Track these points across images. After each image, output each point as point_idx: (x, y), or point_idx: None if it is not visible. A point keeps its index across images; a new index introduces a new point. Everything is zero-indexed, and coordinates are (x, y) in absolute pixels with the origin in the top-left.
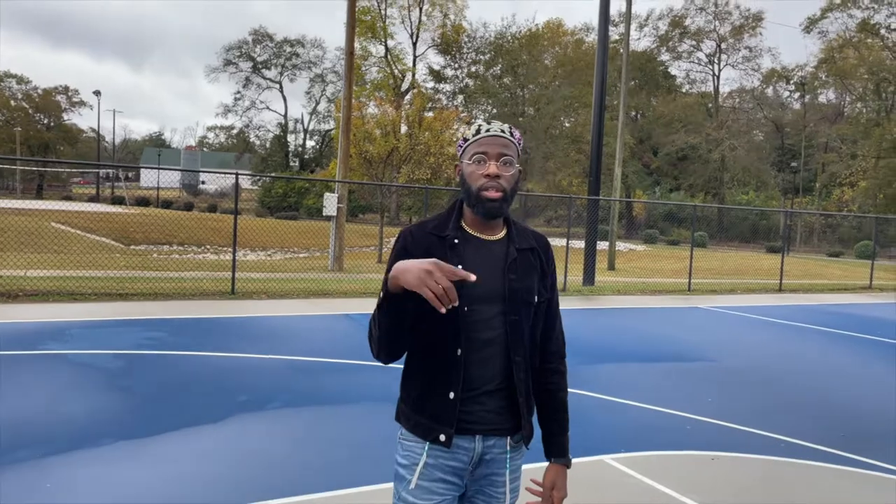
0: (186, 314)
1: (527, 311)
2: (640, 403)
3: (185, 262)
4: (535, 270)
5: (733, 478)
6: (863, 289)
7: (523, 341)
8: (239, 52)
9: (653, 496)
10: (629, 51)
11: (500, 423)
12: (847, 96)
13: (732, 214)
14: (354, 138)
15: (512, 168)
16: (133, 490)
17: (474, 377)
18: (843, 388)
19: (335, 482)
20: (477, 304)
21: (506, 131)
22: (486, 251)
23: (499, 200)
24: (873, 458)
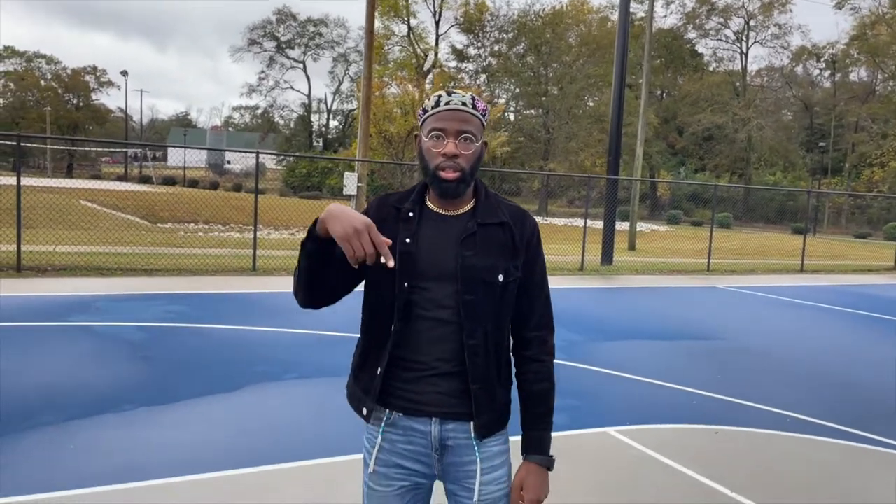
0: (208, 289)
1: (487, 291)
2: (648, 379)
3: (210, 239)
4: (502, 247)
5: (733, 450)
6: (887, 270)
7: (481, 324)
8: (263, 31)
9: (652, 466)
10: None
11: (458, 406)
12: (879, 74)
13: (759, 195)
14: (375, 118)
15: (472, 145)
16: (150, 452)
17: (424, 356)
18: (855, 367)
19: (344, 449)
20: (425, 282)
21: (467, 104)
22: (445, 226)
23: (455, 181)
24: (883, 435)
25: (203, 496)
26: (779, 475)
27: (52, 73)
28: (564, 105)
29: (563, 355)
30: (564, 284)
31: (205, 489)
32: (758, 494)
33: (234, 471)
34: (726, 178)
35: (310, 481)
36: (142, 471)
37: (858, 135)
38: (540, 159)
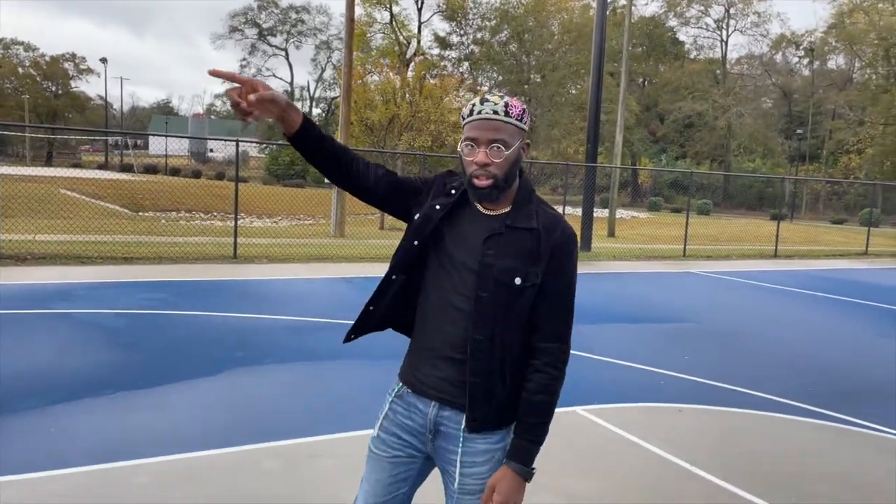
0: (189, 277)
1: (502, 292)
2: (618, 360)
3: (191, 227)
4: (526, 252)
5: (696, 427)
6: (858, 255)
7: (491, 322)
8: (244, 18)
9: (617, 443)
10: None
11: (456, 396)
12: (856, 62)
13: (738, 182)
14: (356, 106)
15: (503, 153)
16: (130, 433)
17: (437, 336)
18: (821, 348)
19: (318, 429)
20: (452, 267)
21: (499, 112)
22: (479, 224)
23: (488, 188)
24: (845, 412)
25: (183, 474)
26: (739, 451)
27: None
28: (547, 93)
29: None
30: None
31: (185, 467)
32: (717, 469)
33: (215, 450)
34: (707, 166)
35: (288, 458)
36: (122, 451)
37: (836, 122)
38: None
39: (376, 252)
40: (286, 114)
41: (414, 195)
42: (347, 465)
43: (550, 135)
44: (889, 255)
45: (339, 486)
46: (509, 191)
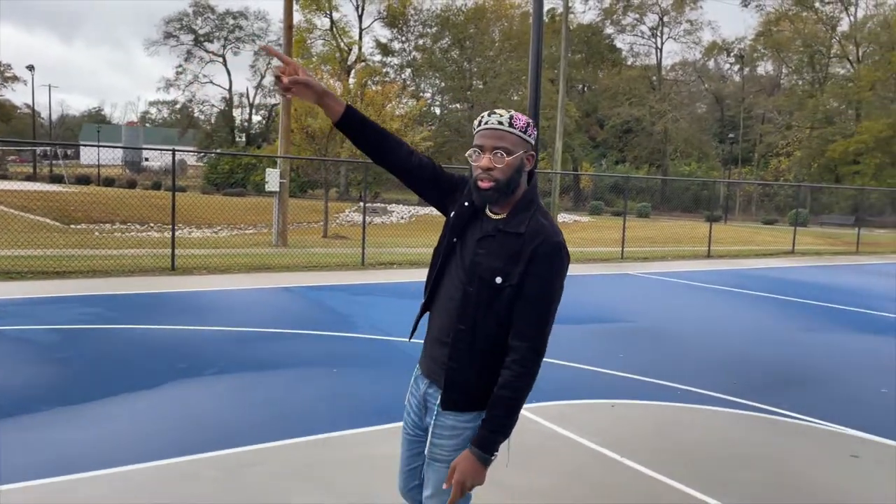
0: (125, 290)
1: (485, 289)
2: (554, 360)
3: (127, 239)
4: (511, 254)
5: (627, 421)
6: (785, 253)
7: (473, 314)
8: (179, 24)
9: (552, 439)
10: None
11: (439, 374)
12: (783, 68)
13: (675, 185)
14: (296, 113)
15: (505, 158)
16: (67, 448)
17: (434, 322)
18: (744, 342)
19: (259, 437)
20: (458, 263)
21: (504, 123)
22: (480, 225)
23: (490, 190)
24: (766, 402)
25: (121, 487)
26: (667, 441)
27: None
28: (489, 99)
29: None
30: None
31: (123, 480)
32: (645, 459)
33: (154, 462)
34: (645, 170)
35: (228, 467)
36: (60, 467)
37: (765, 126)
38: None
39: (319, 261)
40: (323, 100)
41: (450, 191)
42: (286, 471)
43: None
44: (814, 253)
45: (277, 493)
46: (513, 197)
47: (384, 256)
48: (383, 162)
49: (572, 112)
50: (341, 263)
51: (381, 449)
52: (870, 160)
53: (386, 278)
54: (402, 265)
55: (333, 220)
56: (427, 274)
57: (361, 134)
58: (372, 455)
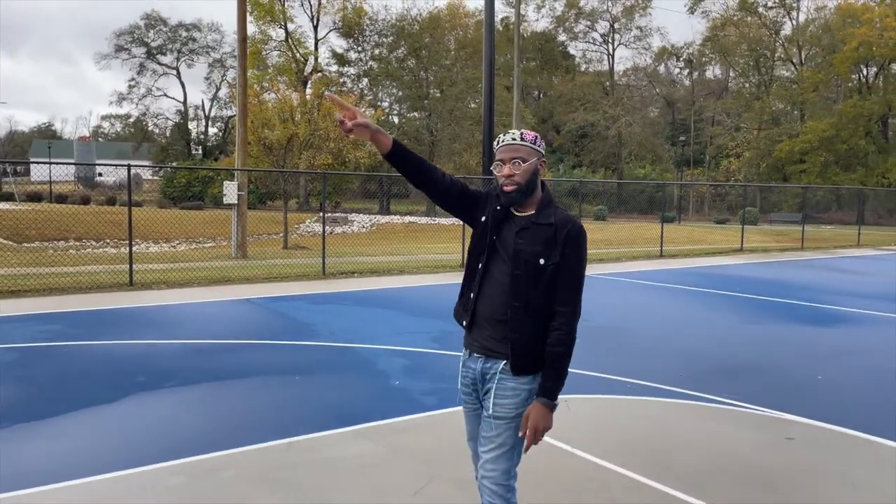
0: (83, 307)
1: (530, 270)
2: None
3: (83, 256)
4: (547, 240)
5: (578, 414)
6: (735, 251)
7: (524, 292)
8: (131, 37)
9: None
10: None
11: (496, 347)
12: (731, 72)
13: (630, 188)
14: (252, 125)
15: (521, 165)
16: (27, 464)
17: (482, 307)
18: (691, 337)
19: (220, 444)
20: (498, 255)
21: (517, 138)
22: (512, 223)
23: (513, 192)
24: (709, 392)
25: (86, 498)
26: (614, 431)
27: None
28: (446, 107)
29: (437, 345)
30: (445, 281)
31: (87, 492)
32: (594, 448)
33: (117, 472)
34: (601, 174)
35: (190, 474)
36: (21, 481)
37: (715, 128)
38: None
39: (280, 271)
40: (376, 136)
41: (474, 204)
42: (251, 475)
43: (452, 148)
44: (761, 250)
45: (242, 496)
46: (533, 198)
47: (345, 266)
48: (422, 185)
49: (528, 118)
50: (302, 274)
51: (342, 450)
52: (815, 159)
53: (346, 287)
54: (363, 273)
55: (294, 231)
56: (466, 273)
57: (406, 163)
58: (333, 457)
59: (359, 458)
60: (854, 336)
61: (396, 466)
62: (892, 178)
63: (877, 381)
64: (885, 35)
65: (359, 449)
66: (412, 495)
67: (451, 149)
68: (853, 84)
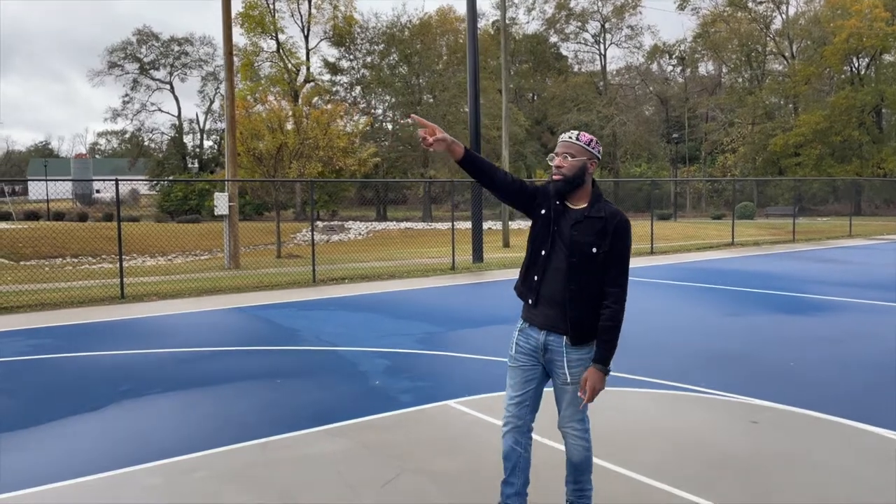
0: (73, 320)
1: (585, 257)
2: (488, 357)
3: (78, 272)
4: (598, 231)
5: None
6: (726, 246)
7: (579, 276)
8: (124, 53)
9: (481, 427)
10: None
11: (558, 324)
12: (723, 67)
13: (627, 186)
14: (241, 136)
15: (569, 160)
16: (10, 469)
17: (545, 290)
18: (670, 329)
19: (203, 445)
20: (559, 243)
21: (572, 137)
22: (568, 215)
23: (560, 181)
24: (679, 381)
25: (65, 500)
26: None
27: None
28: (439, 112)
29: (420, 346)
30: (434, 284)
31: (75, 491)
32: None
33: (94, 475)
34: (598, 173)
35: (168, 475)
36: (1, 485)
37: (710, 124)
38: (421, 166)
39: (271, 280)
40: (451, 147)
41: (532, 198)
42: (226, 474)
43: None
44: (752, 244)
45: (217, 494)
46: (584, 192)
47: (336, 272)
48: (490, 186)
49: (521, 121)
50: (292, 281)
51: (315, 448)
52: (810, 151)
53: (335, 293)
54: (354, 279)
55: (290, 240)
56: (528, 257)
57: (478, 169)
58: (307, 455)
59: (331, 454)
60: (830, 323)
61: (367, 462)
62: (887, 168)
63: (844, 367)
64: (874, 26)
65: (332, 447)
66: (380, 487)
67: (445, 154)
68: (845, 76)
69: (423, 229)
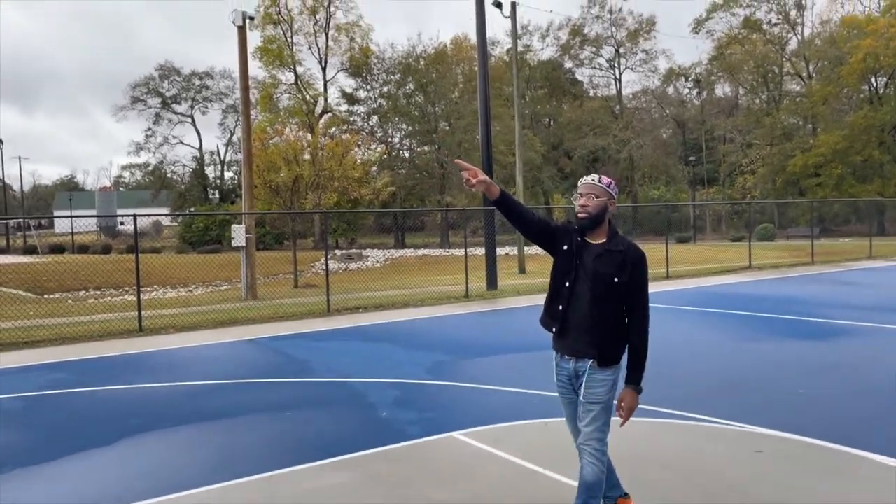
0: (90, 354)
1: (607, 287)
2: (496, 387)
3: (100, 305)
4: (618, 264)
5: (556, 438)
6: (743, 269)
7: (602, 304)
8: (146, 88)
9: (485, 458)
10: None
11: (585, 349)
12: (740, 89)
13: (645, 210)
14: (258, 169)
15: (594, 200)
16: None
17: (571, 318)
18: (679, 356)
19: (209, 480)
20: (582, 275)
21: (595, 180)
22: (590, 250)
23: (585, 219)
24: (686, 410)
25: None
26: None
27: None
28: (454, 140)
29: (430, 376)
30: (446, 312)
31: None
32: (567, 469)
33: None
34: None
35: None
36: None
37: (727, 146)
38: (438, 193)
39: (286, 310)
40: (489, 189)
41: (554, 235)
42: None
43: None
44: (771, 266)
45: None
46: (602, 228)
47: (351, 301)
48: (519, 226)
49: (538, 146)
50: (307, 312)
51: (320, 481)
52: (830, 171)
53: (349, 322)
54: (368, 308)
55: (309, 269)
56: (553, 290)
57: (510, 209)
58: (311, 488)
59: (335, 487)
60: (843, 348)
61: (371, 493)
62: None
63: (855, 393)
64: (891, 45)
65: (337, 479)
66: None
67: (461, 180)
68: (864, 95)
69: (440, 256)
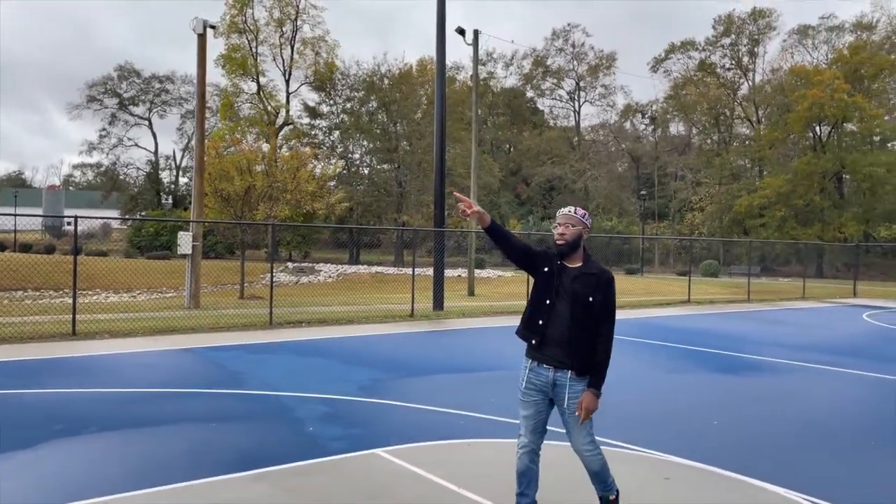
0: (19, 356)
1: (584, 305)
2: (426, 406)
3: (36, 306)
4: (593, 285)
5: (477, 458)
6: (682, 303)
7: (580, 321)
8: (103, 88)
9: (405, 477)
10: (490, 87)
11: (564, 361)
12: (693, 129)
13: (596, 240)
14: (210, 177)
15: (570, 228)
16: None
17: (551, 332)
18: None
19: (124, 487)
20: (562, 294)
21: (571, 211)
22: (567, 272)
23: (563, 245)
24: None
25: None
26: (505, 474)
27: None
28: (415, 160)
29: (362, 393)
30: (389, 331)
31: None
32: (481, 489)
33: None
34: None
35: None
36: None
37: (679, 183)
38: (395, 211)
39: (227, 321)
40: (482, 217)
41: (535, 259)
42: None
43: (420, 199)
44: (708, 302)
45: None
46: (578, 254)
47: (295, 315)
48: (505, 250)
49: (496, 172)
50: (249, 323)
51: (237, 494)
52: (773, 213)
53: (290, 336)
54: (311, 323)
55: (259, 281)
56: (533, 306)
57: (499, 236)
58: (228, 500)
59: (249, 499)
60: (760, 383)
61: None
62: (847, 233)
63: (765, 426)
64: (835, 96)
65: (254, 491)
66: None
67: (419, 200)
68: (808, 142)
69: (394, 274)
